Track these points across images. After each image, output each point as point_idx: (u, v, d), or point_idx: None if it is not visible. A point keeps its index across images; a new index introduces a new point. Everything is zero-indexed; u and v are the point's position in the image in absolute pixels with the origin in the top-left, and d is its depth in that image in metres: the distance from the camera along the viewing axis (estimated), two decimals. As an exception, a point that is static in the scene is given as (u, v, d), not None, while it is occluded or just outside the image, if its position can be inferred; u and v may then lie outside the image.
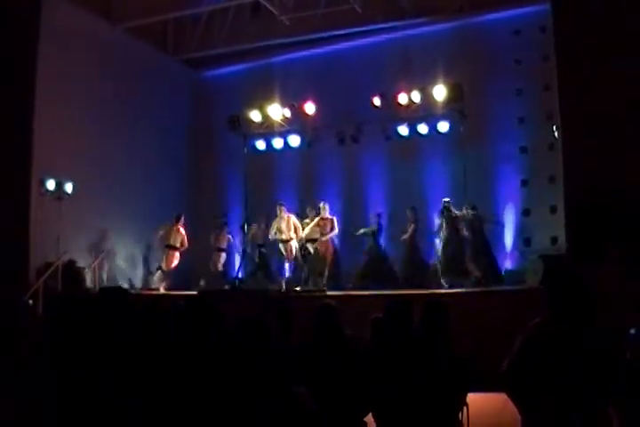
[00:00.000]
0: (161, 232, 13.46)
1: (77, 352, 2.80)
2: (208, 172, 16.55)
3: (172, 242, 13.36)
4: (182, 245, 13.47)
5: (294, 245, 12.65)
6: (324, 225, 12.40)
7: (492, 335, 7.36)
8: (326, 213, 12.46)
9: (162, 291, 12.99)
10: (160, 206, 14.29)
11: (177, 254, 13.44)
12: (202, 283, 13.99)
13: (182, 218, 13.56)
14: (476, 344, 5.39)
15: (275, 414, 2.41)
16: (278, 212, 12.74)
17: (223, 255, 14.55)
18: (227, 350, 2.52)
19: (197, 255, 14.64)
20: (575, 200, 10.37)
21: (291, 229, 12.60)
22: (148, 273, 14.80)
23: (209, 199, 16.12)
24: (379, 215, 12.72)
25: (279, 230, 12.66)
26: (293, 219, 12.75)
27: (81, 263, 12.76)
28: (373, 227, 12.51)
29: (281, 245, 12.77)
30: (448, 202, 11.83)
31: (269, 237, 12.96)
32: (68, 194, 12.58)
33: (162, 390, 2.80)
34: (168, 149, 15.84)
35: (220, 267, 14.47)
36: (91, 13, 13.88)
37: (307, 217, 12.94)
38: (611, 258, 8.92)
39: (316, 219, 12.45)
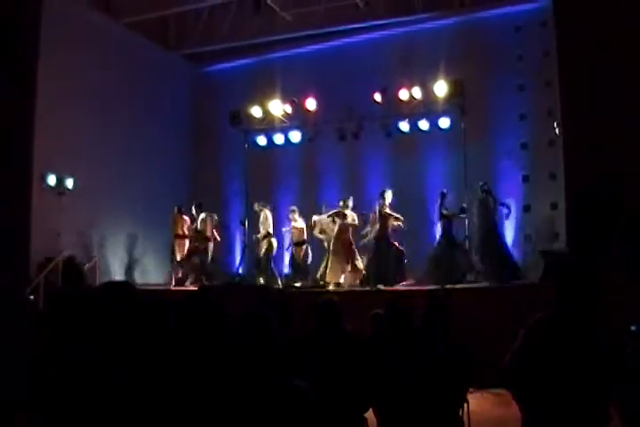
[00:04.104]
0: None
1: (80, 347, 2.80)
2: (209, 167, 16.55)
3: (179, 231, 13.49)
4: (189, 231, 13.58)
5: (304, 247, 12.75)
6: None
7: (492, 331, 7.38)
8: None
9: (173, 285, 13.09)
10: (161, 202, 14.28)
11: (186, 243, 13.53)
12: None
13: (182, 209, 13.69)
14: (476, 340, 5.39)
15: (276, 407, 2.41)
16: (291, 216, 12.78)
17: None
18: (228, 344, 2.52)
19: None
20: (576, 196, 10.38)
21: (305, 232, 12.74)
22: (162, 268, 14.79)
23: (210, 195, 16.10)
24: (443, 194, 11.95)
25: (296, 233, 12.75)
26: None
27: (81, 259, 12.77)
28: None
29: (294, 248, 12.81)
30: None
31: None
32: (68, 189, 12.59)
33: (163, 385, 2.80)
34: (169, 144, 15.85)
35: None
36: (92, 8, 13.89)
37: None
38: (612, 253, 8.93)
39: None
